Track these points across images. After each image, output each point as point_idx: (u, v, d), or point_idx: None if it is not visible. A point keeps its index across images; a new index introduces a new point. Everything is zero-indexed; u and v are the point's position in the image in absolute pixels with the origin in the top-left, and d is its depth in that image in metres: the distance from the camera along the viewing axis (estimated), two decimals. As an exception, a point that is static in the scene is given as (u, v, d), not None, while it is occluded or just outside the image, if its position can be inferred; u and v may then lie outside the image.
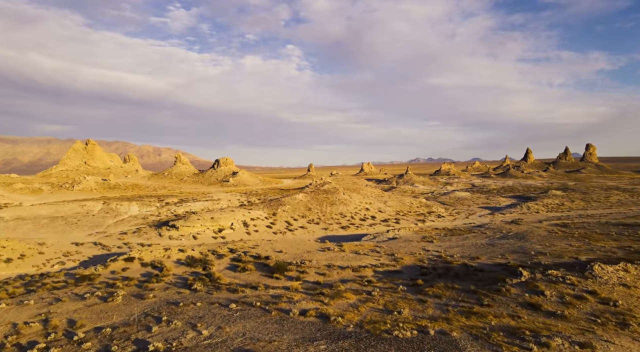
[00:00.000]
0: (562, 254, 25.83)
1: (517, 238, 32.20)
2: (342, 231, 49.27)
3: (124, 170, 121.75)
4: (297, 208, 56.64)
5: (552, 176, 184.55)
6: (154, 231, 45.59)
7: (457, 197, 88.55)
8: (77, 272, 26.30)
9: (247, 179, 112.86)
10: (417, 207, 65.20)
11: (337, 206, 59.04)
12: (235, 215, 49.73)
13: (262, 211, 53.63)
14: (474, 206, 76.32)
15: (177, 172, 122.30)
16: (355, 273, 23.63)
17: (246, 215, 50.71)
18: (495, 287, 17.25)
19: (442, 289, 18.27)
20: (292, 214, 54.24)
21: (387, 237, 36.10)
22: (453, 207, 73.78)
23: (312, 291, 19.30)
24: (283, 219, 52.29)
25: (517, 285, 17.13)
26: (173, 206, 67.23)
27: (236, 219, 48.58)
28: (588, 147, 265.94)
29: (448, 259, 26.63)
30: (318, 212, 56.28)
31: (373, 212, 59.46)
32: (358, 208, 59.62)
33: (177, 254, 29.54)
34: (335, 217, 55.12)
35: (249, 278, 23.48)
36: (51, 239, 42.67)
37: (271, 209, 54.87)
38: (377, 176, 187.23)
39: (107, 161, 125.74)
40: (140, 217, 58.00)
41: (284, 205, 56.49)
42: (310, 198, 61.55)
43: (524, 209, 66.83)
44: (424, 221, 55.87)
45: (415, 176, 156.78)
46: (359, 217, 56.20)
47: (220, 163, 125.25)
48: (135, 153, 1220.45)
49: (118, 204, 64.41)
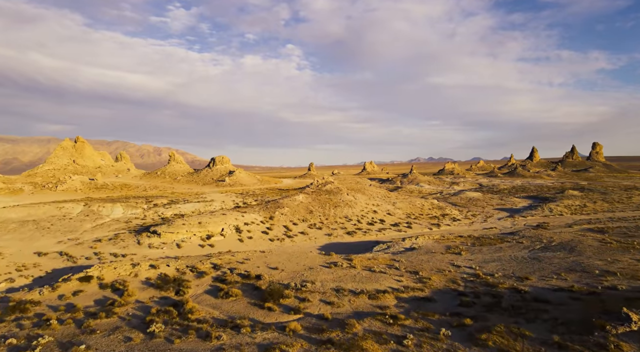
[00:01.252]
0: (637, 274, 20.12)
1: (566, 250, 26.44)
2: (348, 237, 43.58)
3: (115, 170, 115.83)
4: (297, 211, 50.93)
5: (561, 175, 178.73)
6: (133, 238, 39.89)
7: (468, 197, 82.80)
8: (14, 297, 20.58)
9: (244, 178, 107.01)
10: (428, 209, 59.44)
11: (341, 208, 53.29)
12: (226, 219, 44.02)
13: (257, 214, 47.91)
14: (489, 208, 70.58)
15: (171, 171, 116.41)
16: (373, 301, 17.92)
17: (239, 219, 45.00)
18: (592, 339, 11.53)
19: (507, 338, 12.54)
20: (292, 218, 48.53)
21: (404, 248, 30.38)
22: (466, 208, 68.03)
23: (316, 336, 13.62)
24: (281, 223, 46.58)
25: (625, 336, 11.42)
26: (161, 207, 61.53)
27: (227, 224, 42.87)
28: (595, 146, 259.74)
29: (488, 279, 20.88)
30: (320, 215, 50.57)
31: (381, 215, 53.71)
32: (365, 210, 53.86)
33: (147, 271, 23.82)
34: (340, 221, 49.39)
35: (232, 308, 17.79)
36: (12, 247, 36.98)
37: (268, 212, 49.14)
38: (380, 175, 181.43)
39: (97, 160, 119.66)
40: (123, 221, 52.31)
41: (282, 207, 50.76)
42: (311, 199, 55.84)
43: (545, 211, 61.06)
44: (438, 225, 50.13)
45: (420, 175, 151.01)
46: (366, 220, 50.46)
47: (216, 162, 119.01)
48: (136, 152, 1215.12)
49: (100, 206, 58.73)
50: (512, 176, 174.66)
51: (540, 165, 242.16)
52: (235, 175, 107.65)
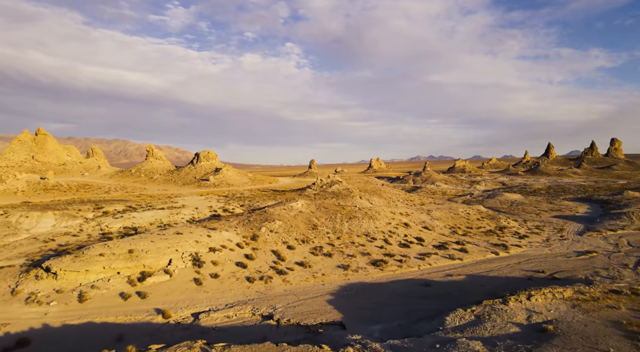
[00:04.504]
0: None
1: None
2: (375, 270, 27.14)
3: (82, 167, 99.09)
4: (294, 225, 34.41)
5: (588, 172, 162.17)
6: (11, 280, 23.45)
7: (510, 201, 66.32)
8: None
9: (233, 177, 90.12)
10: (477, 220, 42.90)
11: (358, 220, 36.70)
12: (181, 242, 27.55)
13: (233, 232, 31.42)
14: (544, 215, 54.10)
15: (148, 168, 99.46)
16: None
17: (203, 241, 28.55)
18: None
19: None
20: (285, 237, 32.04)
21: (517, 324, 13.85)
22: (517, 216, 51.52)
23: None
24: (268, 246, 30.09)
25: None
26: (110, 217, 45.05)
27: (181, 251, 26.41)
28: (613, 142, 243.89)
29: None
30: (329, 232, 34.11)
31: (415, 229, 37.21)
32: (393, 224, 37.31)
33: None
34: (358, 241, 32.93)
35: None
36: None
37: (249, 229, 32.61)
38: (388, 174, 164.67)
39: (62, 156, 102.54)
40: (42, 240, 35.93)
41: (271, 220, 34.18)
42: (314, 207, 39.29)
43: (635, 221, 44.57)
44: (505, 247, 33.62)
45: (435, 173, 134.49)
46: (397, 239, 33.98)
47: (200, 158, 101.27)
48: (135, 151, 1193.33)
49: (23, 216, 42.34)
50: (534, 173, 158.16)
51: (557, 163, 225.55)
52: (222, 173, 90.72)
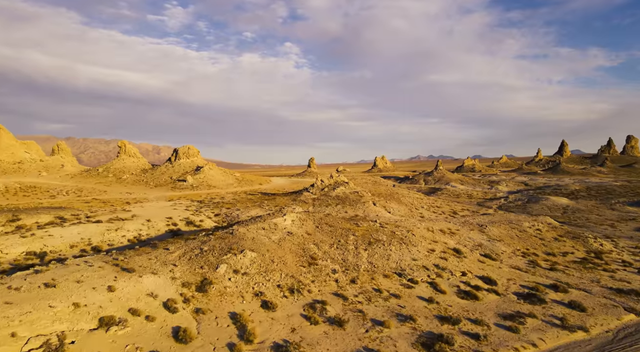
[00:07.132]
0: None
1: None
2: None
3: (42, 166, 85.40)
4: (277, 259, 20.43)
5: (613, 171, 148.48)
6: None
7: (561, 207, 52.42)
8: None
9: (215, 177, 76.33)
10: (554, 241, 28.93)
11: (383, 247, 22.71)
12: (37, 311, 13.57)
13: (165, 276, 17.45)
14: (622, 227, 40.32)
15: (119, 167, 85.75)
16: None
17: (95, 301, 14.60)
18: None
19: None
20: (261, 283, 18.07)
21: None
22: (592, 231, 37.72)
23: None
24: (226, 306, 16.05)
25: None
26: (16, 236, 31.07)
27: (27, 336, 12.45)
28: (629, 140, 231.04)
29: None
30: (337, 271, 20.18)
31: (473, 260, 23.29)
32: (438, 251, 23.34)
33: None
34: (387, 287, 19.01)
35: None
36: None
37: (198, 267, 18.65)
38: (395, 173, 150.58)
39: (19, 153, 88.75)
40: None
41: (238, 251, 20.18)
42: (312, 226, 25.26)
43: None
44: (638, 294, 19.66)
45: (449, 173, 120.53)
46: (451, 282, 20.09)
47: (179, 154, 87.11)
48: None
49: None
50: (555, 173, 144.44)
51: (572, 161, 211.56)
52: (203, 172, 76.85)
